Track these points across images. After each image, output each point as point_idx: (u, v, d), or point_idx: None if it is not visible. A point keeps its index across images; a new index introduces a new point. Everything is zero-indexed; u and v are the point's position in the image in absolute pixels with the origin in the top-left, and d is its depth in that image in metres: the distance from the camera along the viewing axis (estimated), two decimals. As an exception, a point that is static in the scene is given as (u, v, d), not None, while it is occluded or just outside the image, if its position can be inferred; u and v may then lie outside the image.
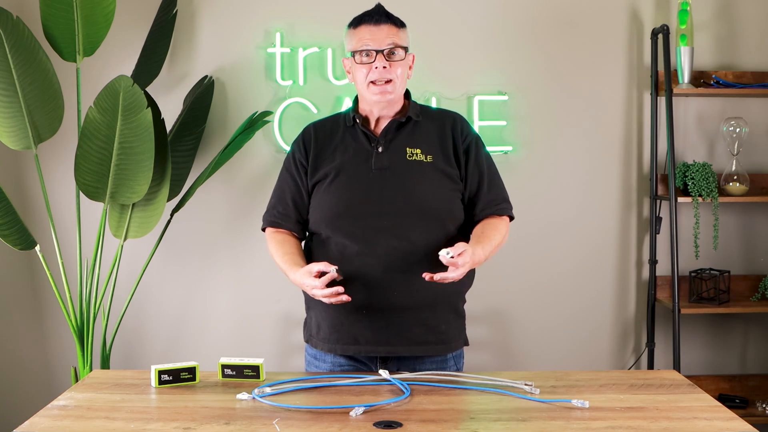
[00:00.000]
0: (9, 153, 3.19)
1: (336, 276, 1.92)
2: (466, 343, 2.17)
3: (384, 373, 1.89)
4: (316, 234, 2.10)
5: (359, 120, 2.11)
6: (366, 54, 2.05)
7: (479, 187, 2.10)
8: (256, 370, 1.92)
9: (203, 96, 3.14)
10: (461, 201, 2.09)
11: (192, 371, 1.91)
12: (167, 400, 1.78)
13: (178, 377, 1.89)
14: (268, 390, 1.79)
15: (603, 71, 3.26)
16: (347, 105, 3.14)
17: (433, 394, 1.81)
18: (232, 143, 3.03)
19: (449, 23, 3.23)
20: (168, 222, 3.08)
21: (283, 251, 2.08)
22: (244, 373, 1.92)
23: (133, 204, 2.94)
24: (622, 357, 3.36)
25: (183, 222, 3.19)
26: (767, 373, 3.34)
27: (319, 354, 2.12)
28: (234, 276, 3.29)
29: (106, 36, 2.90)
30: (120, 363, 3.25)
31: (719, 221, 3.24)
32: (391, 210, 2.01)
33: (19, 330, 3.30)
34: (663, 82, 3.15)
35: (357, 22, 2.08)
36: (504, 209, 2.12)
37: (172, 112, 3.15)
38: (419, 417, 1.63)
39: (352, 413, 1.63)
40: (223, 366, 1.93)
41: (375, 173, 2.05)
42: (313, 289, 1.93)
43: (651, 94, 3.23)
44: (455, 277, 1.91)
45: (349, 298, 1.92)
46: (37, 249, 2.97)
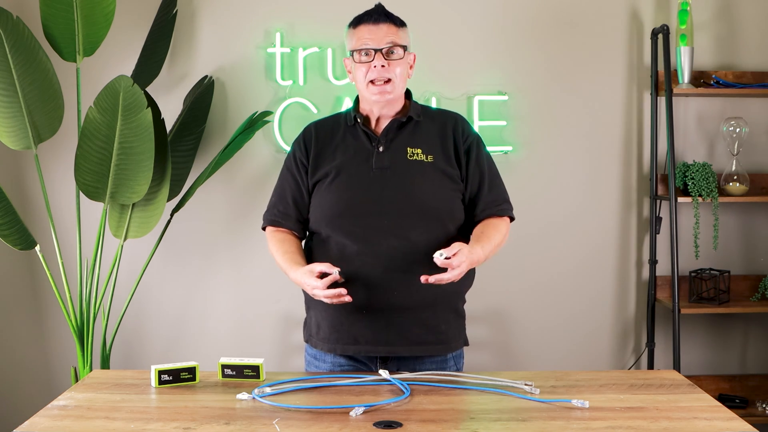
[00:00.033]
0: (9, 153, 3.19)
1: (338, 279, 1.92)
2: (466, 343, 2.17)
3: (384, 373, 1.89)
4: (316, 233, 2.10)
5: (360, 119, 2.11)
6: (365, 53, 2.05)
7: (480, 188, 2.10)
8: (256, 370, 1.92)
9: (203, 96, 3.14)
10: (462, 201, 2.09)
11: (192, 371, 1.91)
12: (167, 400, 1.77)
13: (178, 377, 1.89)
14: (268, 390, 1.79)
15: (603, 71, 3.26)
16: (347, 105, 3.14)
17: (433, 394, 1.81)
18: (232, 143, 3.03)
19: (449, 23, 3.23)
20: (168, 222, 3.08)
21: (284, 250, 2.08)
22: (244, 373, 1.92)
23: (133, 204, 2.94)
24: (622, 357, 3.35)
25: (183, 222, 3.19)
26: (767, 373, 3.34)
27: (319, 354, 2.11)
28: (234, 276, 3.29)
29: (106, 36, 2.90)
30: (120, 363, 3.25)
31: (719, 221, 3.24)
32: (392, 210, 2.01)
33: (19, 330, 3.30)
34: (663, 82, 3.15)
35: (357, 21, 2.09)
36: (504, 210, 2.12)
37: (172, 112, 3.15)
38: (419, 417, 1.63)
39: (352, 413, 1.63)
40: (223, 366, 1.93)
41: (376, 173, 2.05)
42: (314, 290, 1.93)
43: (651, 94, 3.23)
44: (453, 278, 1.90)
45: (351, 299, 1.92)
46: (37, 249, 2.97)
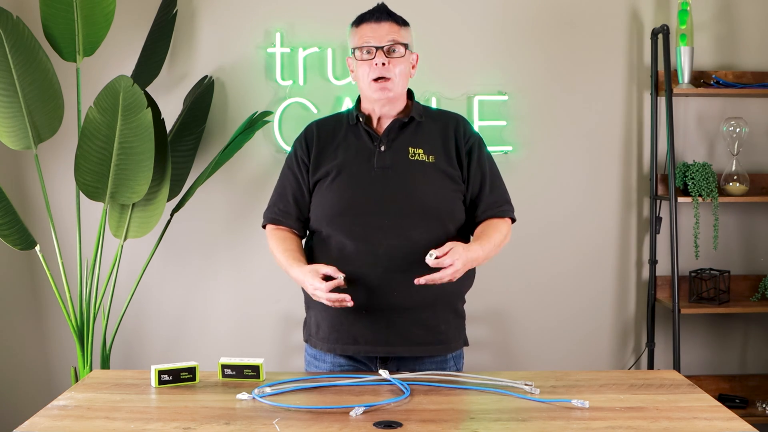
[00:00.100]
0: (9, 153, 3.19)
1: (342, 284, 1.92)
2: (465, 344, 2.17)
3: (384, 373, 1.89)
4: (316, 232, 2.10)
5: (362, 119, 2.11)
6: (367, 51, 2.05)
7: (481, 189, 2.10)
8: (256, 370, 1.91)
9: (203, 96, 3.14)
10: (463, 202, 2.09)
11: (192, 371, 1.91)
12: (167, 400, 1.77)
13: (178, 377, 1.89)
14: (268, 390, 1.79)
15: (603, 71, 3.26)
16: (347, 105, 3.14)
17: (433, 394, 1.80)
18: (232, 143, 3.03)
19: (449, 23, 3.23)
20: (168, 222, 3.08)
21: (284, 248, 2.08)
22: (244, 373, 1.92)
23: (133, 204, 2.94)
24: (622, 357, 3.35)
25: (183, 222, 3.19)
26: (767, 373, 3.34)
27: (319, 354, 2.11)
28: (234, 276, 3.28)
29: (106, 36, 2.90)
30: (120, 363, 3.25)
31: (719, 221, 3.24)
32: (393, 209, 2.01)
33: (19, 330, 3.29)
34: (663, 82, 3.15)
35: (359, 20, 2.10)
36: (506, 211, 2.12)
37: (172, 112, 3.15)
38: (419, 417, 1.63)
39: (352, 413, 1.63)
40: (223, 366, 1.93)
41: (377, 172, 2.05)
42: (316, 291, 1.92)
43: (651, 94, 3.23)
44: (448, 276, 1.90)
45: (352, 303, 1.91)
46: (37, 249, 2.97)
